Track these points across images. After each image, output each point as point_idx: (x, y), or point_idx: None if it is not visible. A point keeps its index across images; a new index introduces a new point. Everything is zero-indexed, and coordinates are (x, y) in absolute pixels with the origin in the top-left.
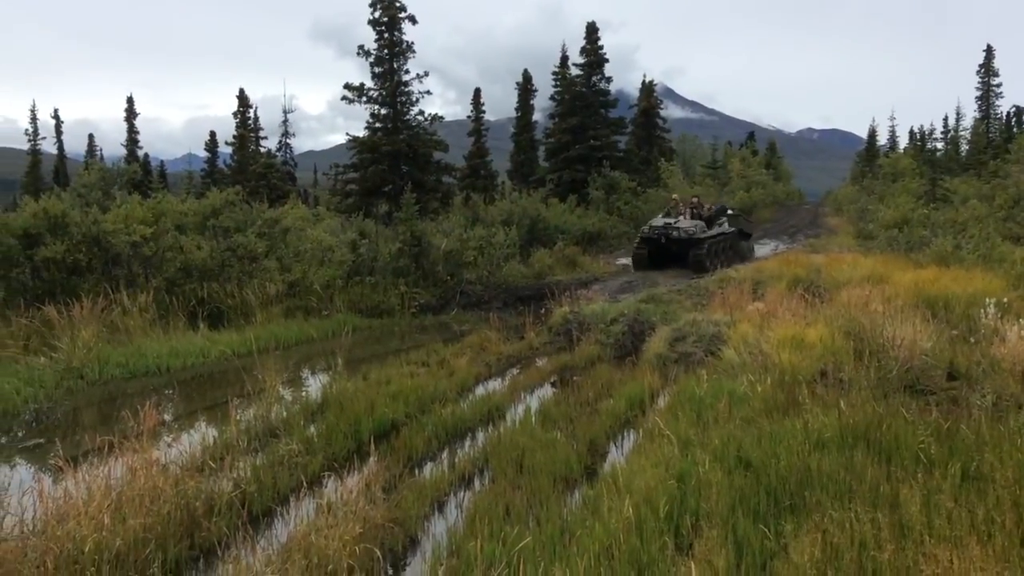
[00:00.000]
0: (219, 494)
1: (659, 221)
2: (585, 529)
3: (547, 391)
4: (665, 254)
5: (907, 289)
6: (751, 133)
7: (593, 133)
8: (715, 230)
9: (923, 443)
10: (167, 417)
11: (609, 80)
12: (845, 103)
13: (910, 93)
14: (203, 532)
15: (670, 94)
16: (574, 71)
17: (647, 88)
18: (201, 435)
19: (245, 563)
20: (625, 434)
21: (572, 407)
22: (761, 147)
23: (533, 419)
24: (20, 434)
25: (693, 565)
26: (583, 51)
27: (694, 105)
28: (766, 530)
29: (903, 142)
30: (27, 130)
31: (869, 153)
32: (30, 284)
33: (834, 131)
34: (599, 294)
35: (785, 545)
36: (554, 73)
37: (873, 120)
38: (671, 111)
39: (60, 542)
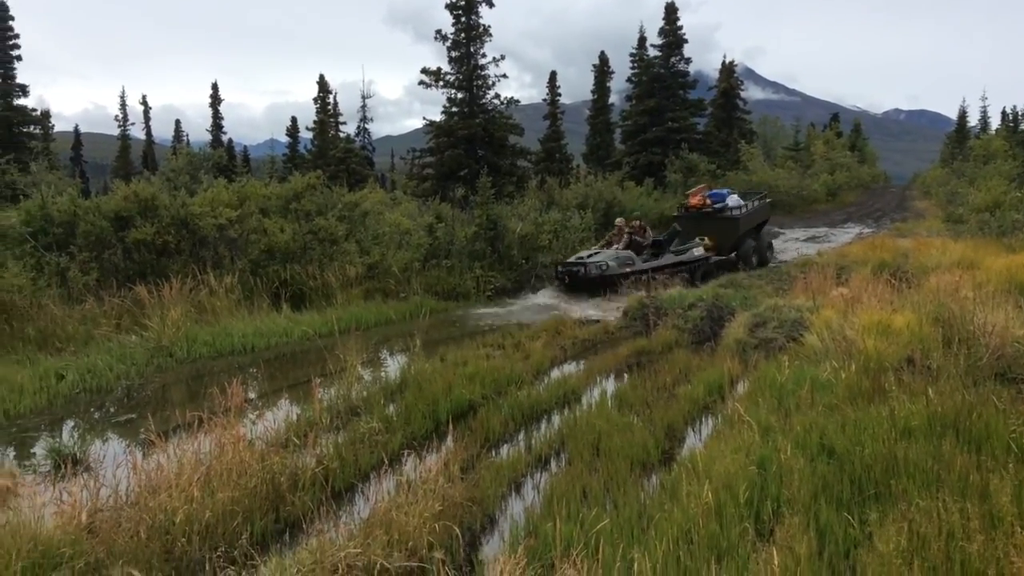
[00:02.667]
0: (303, 470)
1: (578, 255)
2: (663, 513)
3: (623, 375)
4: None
5: (999, 275)
6: (835, 114)
7: (671, 115)
8: (654, 261)
9: (1015, 432)
10: (252, 395)
11: (688, 61)
12: (934, 83)
13: (1003, 72)
14: (288, 506)
15: (750, 74)
16: (652, 52)
17: (727, 69)
18: (285, 412)
19: (328, 537)
20: (703, 420)
21: (649, 392)
22: (845, 128)
23: (609, 403)
24: (112, 409)
25: (775, 551)
26: (662, 32)
27: (775, 86)
28: (850, 518)
29: (995, 123)
30: (117, 116)
31: (959, 135)
32: (122, 265)
33: (922, 112)
34: (676, 278)
35: (869, 534)
36: (631, 54)
37: (963, 100)
38: (751, 92)
39: (152, 513)
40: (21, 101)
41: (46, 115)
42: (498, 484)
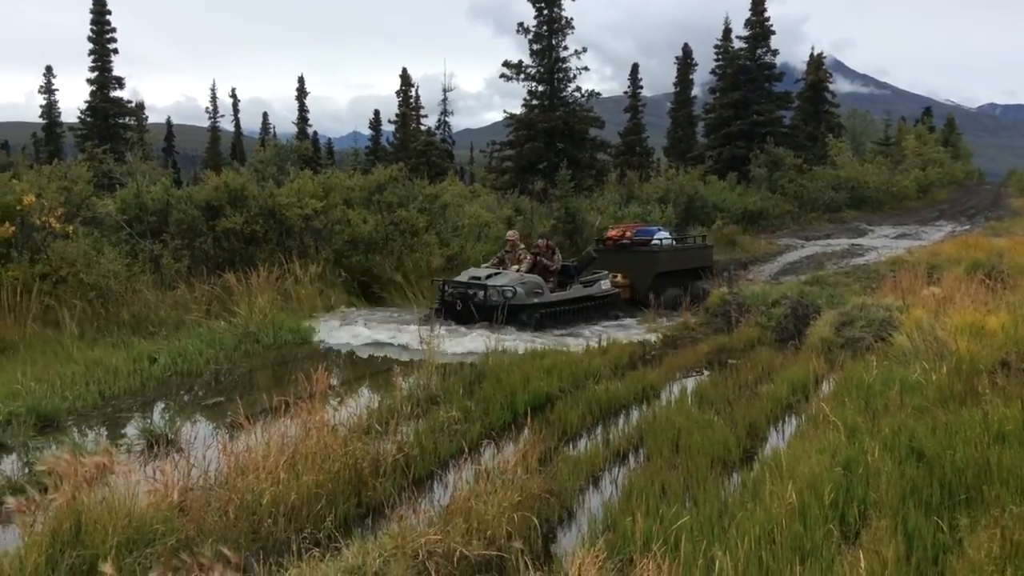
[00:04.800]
0: (384, 456)
1: (471, 274)
2: (745, 512)
3: (704, 372)
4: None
5: None
6: (927, 108)
7: (756, 108)
8: (561, 292)
9: None
10: (335, 381)
11: (775, 53)
12: None
13: None
14: (369, 491)
15: (839, 67)
16: (737, 44)
17: (815, 60)
18: (367, 400)
19: (408, 523)
20: (787, 419)
21: (730, 389)
22: (938, 123)
23: (689, 399)
24: (202, 392)
25: (861, 554)
26: (748, 23)
27: (864, 79)
28: (939, 523)
29: None
30: (207, 108)
31: None
32: (212, 253)
33: (1020, 107)
34: (759, 275)
35: (960, 540)
36: (716, 46)
37: None
38: (839, 85)
39: (240, 493)
40: (117, 93)
41: (140, 107)
42: (576, 477)
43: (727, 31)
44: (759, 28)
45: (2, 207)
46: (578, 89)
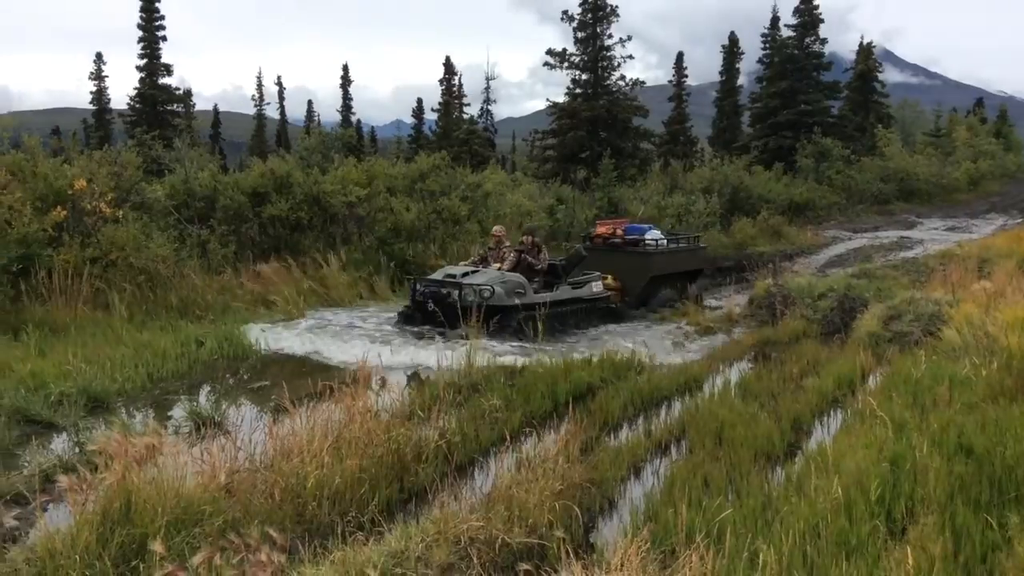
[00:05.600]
0: (426, 443)
1: (447, 272)
2: (790, 506)
3: (747, 364)
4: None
5: None
6: (979, 99)
7: (804, 98)
8: (547, 293)
9: None
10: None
11: (824, 42)
12: None
13: None
14: (411, 477)
15: (889, 56)
16: (785, 32)
17: (865, 50)
18: (409, 386)
19: (451, 509)
20: (832, 413)
21: (774, 382)
22: (990, 114)
23: (733, 392)
24: (247, 376)
25: (908, 551)
26: (796, 11)
27: (915, 68)
28: (989, 520)
29: None
30: (253, 96)
31: None
32: (257, 239)
33: None
34: (805, 267)
35: (1009, 538)
36: (763, 35)
37: None
38: (889, 75)
39: (285, 476)
40: (165, 80)
41: (188, 94)
42: (617, 467)
43: (775, 19)
44: (808, 16)
45: (54, 191)
46: (622, 78)
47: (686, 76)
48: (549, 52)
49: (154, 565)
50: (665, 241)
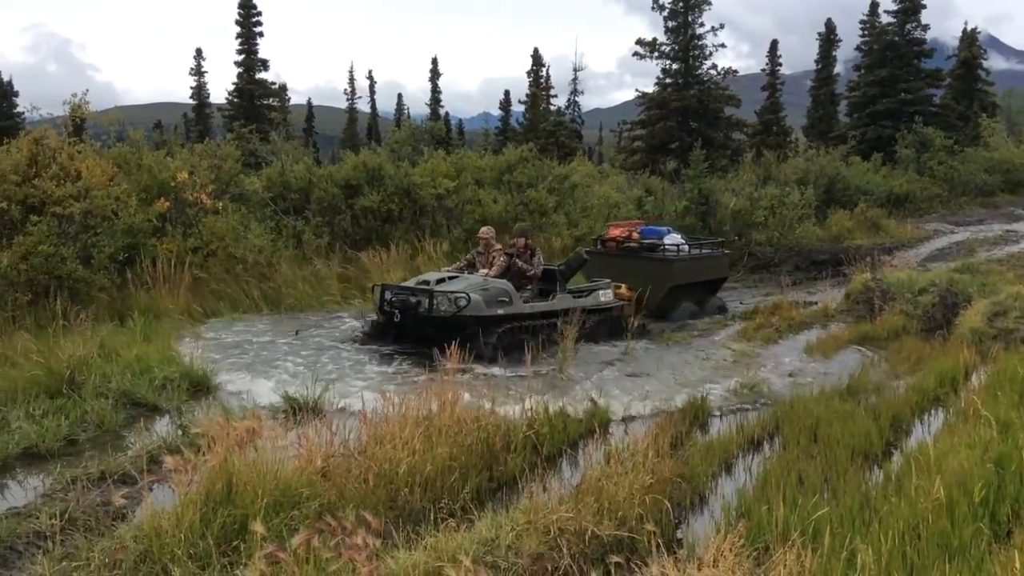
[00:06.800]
0: (515, 433)
1: (422, 278)
2: (889, 506)
3: (844, 360)
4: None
5: None
6: None
7: (904, 86)
8: (540, 302)
9: None
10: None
11: (925, 28)
12: None
13: None
14: (500, 466)
15: (994, 43)
16: (885, 18)
17: (969, 36)
18: (498, 376)
19: (540, 499)
20: (934, 412)
21: (873, 379)
22: None
23: (829, 388)
24: (346, 365)
25: (1016, 554)
26: None
27: (1021, 55)
28: None
29: None
30: (345, 90)
31: None
32: (350, 230)
33: None
34: (905, 261)
35: None
36: (861, 21)
37: None
38: (994, 62)
39: (379, 462)
40: (262, 75)
41: (283, 88)
42: (708, 463)
43: (874, 5)
44: (909, 2)
45: (158, 183)
46: (714, 67)
47: (780, 65)
48: (639, 42)
49: (254, 545)
50: (687, 247)
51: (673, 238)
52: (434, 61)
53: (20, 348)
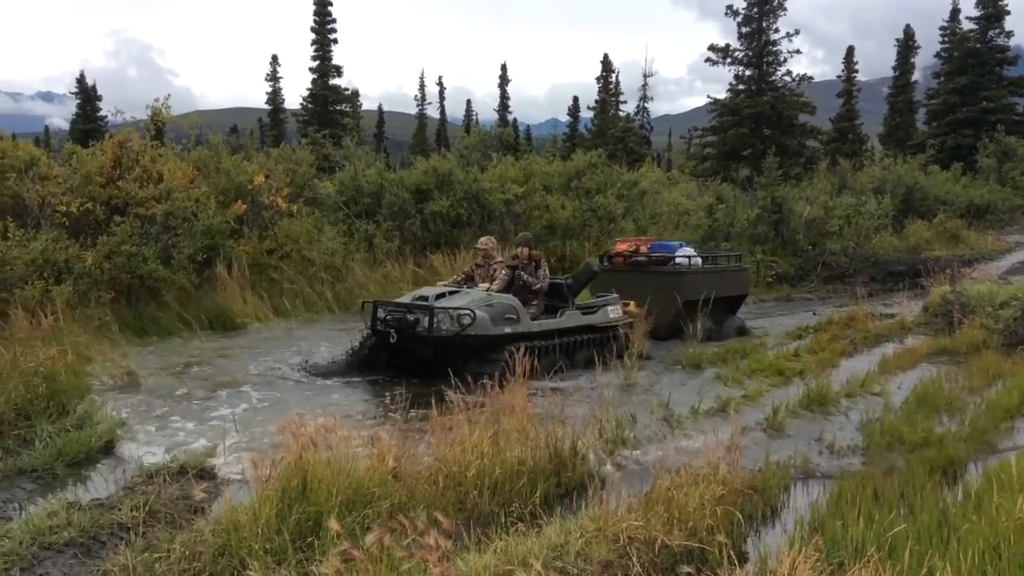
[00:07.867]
0: (583, 440)
1: (420, 294)
2: (969, 524)
3: (922, 375)
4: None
5: None
6: None
7: (986, 94)
8: (549, 319)
9: None
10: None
11: (1009, 35)
12: None
13: None
14: (568, 473)
15: None
16: (966, 25)
17: None
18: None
19: (609, 507)
20: (1017, 428)
21: (953, 394)
22: None
23: (907, 403)
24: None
25: None
26: (979, 2)
27: None
28: None
29: None
30: (415, 96)
31: None
32: (419, 234)
33: None
34: (985, 274)
35: None
36: (941, 28)
37: None
38: None
39: (448, 465)
40: (335, 81)
41: (356, 94)
42: (781, 475)
43: (955, 11)
44: (992, 8)
45: (236, 186)
46: (788, 73)
47: (856, 71)
48: (711, 48)
49: (328, 542)
50: (700, 260)
51: (685, 251)
52: (503, 67)
53: None
